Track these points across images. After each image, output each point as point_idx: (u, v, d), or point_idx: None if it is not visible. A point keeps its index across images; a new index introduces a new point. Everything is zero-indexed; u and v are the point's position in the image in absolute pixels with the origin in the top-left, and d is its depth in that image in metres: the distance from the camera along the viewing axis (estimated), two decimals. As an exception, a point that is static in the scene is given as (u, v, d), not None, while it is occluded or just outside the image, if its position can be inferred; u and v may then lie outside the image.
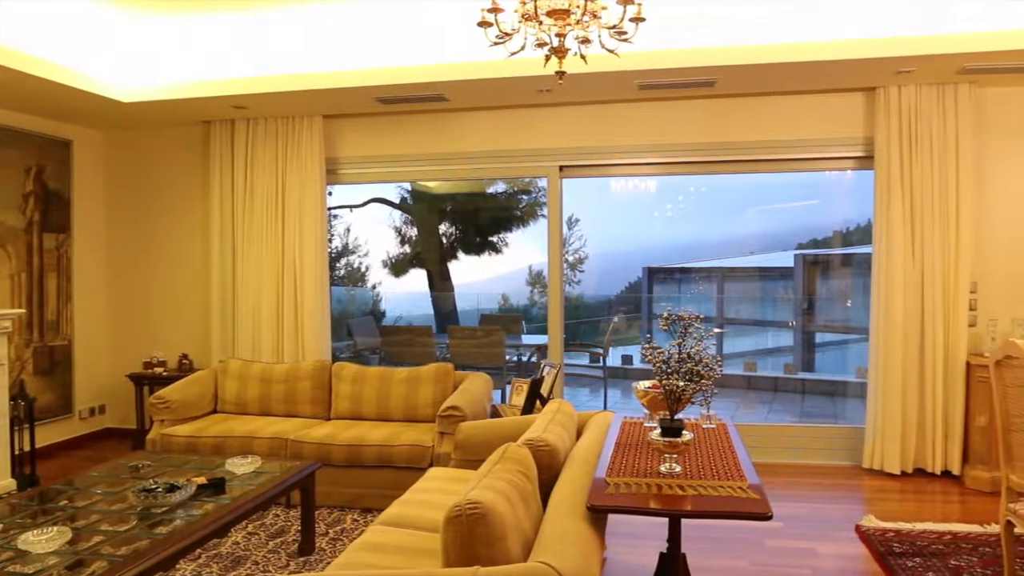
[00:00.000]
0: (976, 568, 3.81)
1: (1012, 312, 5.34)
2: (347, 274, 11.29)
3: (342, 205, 10.20)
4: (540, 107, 5.96)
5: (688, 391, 2.72)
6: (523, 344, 9.02)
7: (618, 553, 4.06)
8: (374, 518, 3.35)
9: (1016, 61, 4.77)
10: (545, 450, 2.97)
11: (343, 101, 5.79)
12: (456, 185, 10.30)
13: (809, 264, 9.28)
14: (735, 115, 5.72)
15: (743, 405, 8.35)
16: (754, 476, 2.78)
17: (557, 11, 2.97)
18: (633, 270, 11.10)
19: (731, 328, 10.38)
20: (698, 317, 2.77)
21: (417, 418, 5.18)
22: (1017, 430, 3.35)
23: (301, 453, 4.76)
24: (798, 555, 4.04)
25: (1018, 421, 3.32)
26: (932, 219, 5.28)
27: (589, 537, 2.40)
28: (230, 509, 3.28)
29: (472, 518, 2.13)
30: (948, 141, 5.26)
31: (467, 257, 11.30)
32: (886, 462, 5.42)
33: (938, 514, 4.68)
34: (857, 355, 7.78)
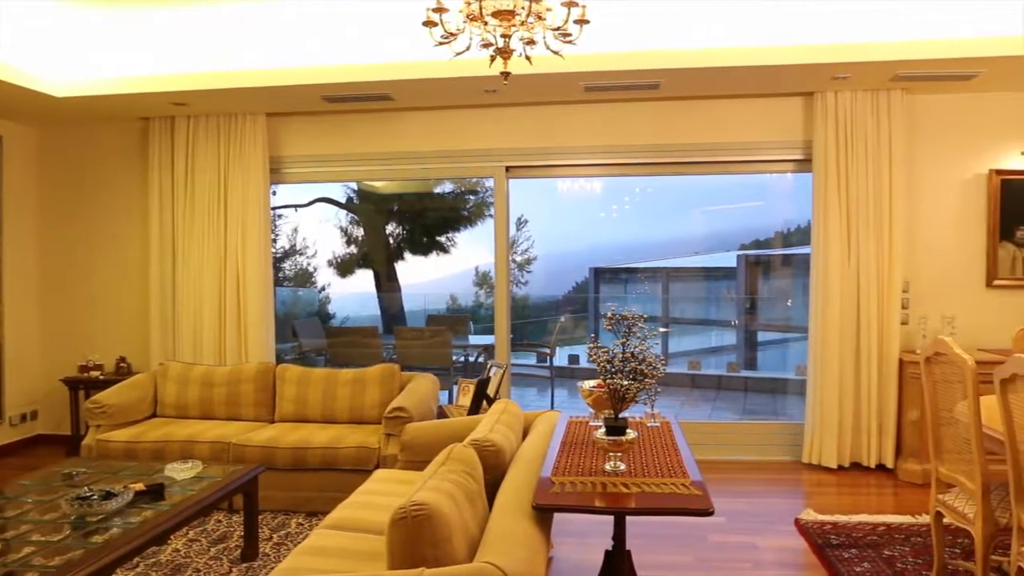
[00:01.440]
0: (908, 557, 3.95)
1: (941, 310, 5.54)
2: (293, 275, 11.12)
3: (287, 205, 10.05)
4: (486, 107, 5.96)
5: (632, 390, 2.76)
6: (470, 344, 9.02)
7: (565, 551, 4.09)
8: (319, 522, 3.31)
9: (943, 69, 4.97)
10: (491, 450, 2.97)
11: (288, 99, 5.71)
12: (403, 185, 10.23)
13: (751, 264, 9.48)
14: (679, 117, 5.81)
15: (688, 403, 8.49)
16: (697, 473, 2.83)
17: (502, 12, 2.98)
18: (580, 270, 11.19)
19: (676, 327, 10.54)
20: (642, 317, 2.81)
21: (363, 420, 5.13)
22: (946, 424, 3.48)
23: (244, 457, 4.67)
24: (740, 549, 4.13)
25: (946, 415, 3.45)
26: (867, 220, 5.45)
27: (535, 536, 2.41)
28: (169, 516, 3.20)
29: (417, 519, 2.12)
30: (882, 145, 5.44)
31: (414, 257, 11.24)
32: (824, 457, 5.58)
33: (873, 506, 4.84)
34: (797, 353, 7.98)
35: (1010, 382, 2.77)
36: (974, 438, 3.12)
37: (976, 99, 5.57)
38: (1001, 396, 2.82)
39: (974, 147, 5.60)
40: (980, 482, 3.11)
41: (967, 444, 3.20)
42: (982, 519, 3.10)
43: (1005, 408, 2.81)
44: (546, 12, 3.06)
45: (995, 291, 5.60)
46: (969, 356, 3.17)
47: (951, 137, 5.61)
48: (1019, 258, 5.56)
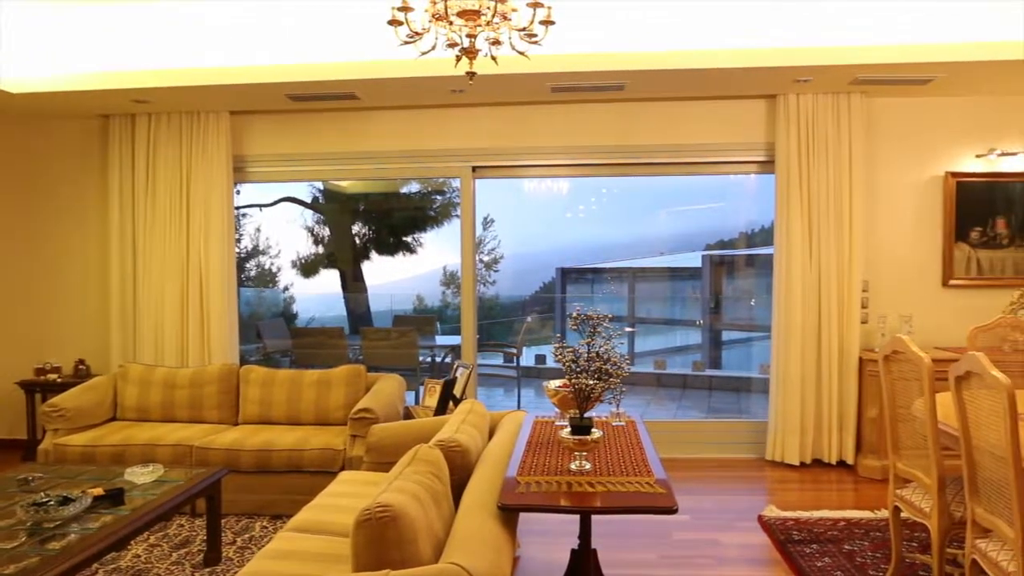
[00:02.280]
0: (867, 551, 4.03)
1: (899, 309, 5.65)
2: (257, 275, 10.99)
3: (251, 204, 9.93)
4: (453, 107, 5.95)
5: (597, 390, 2.77)
6: (437, 345, 8.99)
7: (532, 551, 4.10)
8: (284, 525, 3.27)
9: (901, 73, 5.07)
10: (457, 451, 2.97)
11: (251, 97, 5.64)
12: (369, 185, 10.17)
13: (716, 265, 9.59)
14: (645, 119, 5.86)
15: (654, 402, 8.56)
16: (661, 471, 2.85)
17: (468, 12, 2.98)
18: (547, 270, 11.23)
19: (642, 327, 10.62)
20: (607, 317, 2.83)
21: (328, 421, 5.09)
22: (903, 421, 3.55)
23: (207, 460, 4.61)
24: (704, 546, 4.17)
25: (904, 412, 3.53)
26: (828, 222, 5.54)
27: (500, 536, 2.41)
28: (129, 521, 3.14)
29: (382, 521, 2.11)
30: (842, 148, 5.54)
31: (381, 257, 11.18)
32: (787, 454, 5.66)
33: (834, 502, 4.92)
34: (761, 352, 8.08)
35: (964, 379, 2.84)
36: (930, 434, 3.19)
37: (933, 103, 5.69)
38: (956, 393, 2.88)
39: (931, 150, 5.72)
40: (936, 477, 3.18)
41: (924, 440, 3.27)
42: (938, 513, 3.17)
43: (959, 405, 2.88)
44: (512, 13, 3.06)
45: (951, 291, 5.74)
46: (926, 354, 3.24)
47: (909, 140, 5.73)
48: (974, 259, 5.70)
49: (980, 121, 5.68)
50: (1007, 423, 2.53)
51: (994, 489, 2.72)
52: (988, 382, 2.63)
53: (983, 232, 5.69)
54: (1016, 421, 2.53)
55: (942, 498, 3.17)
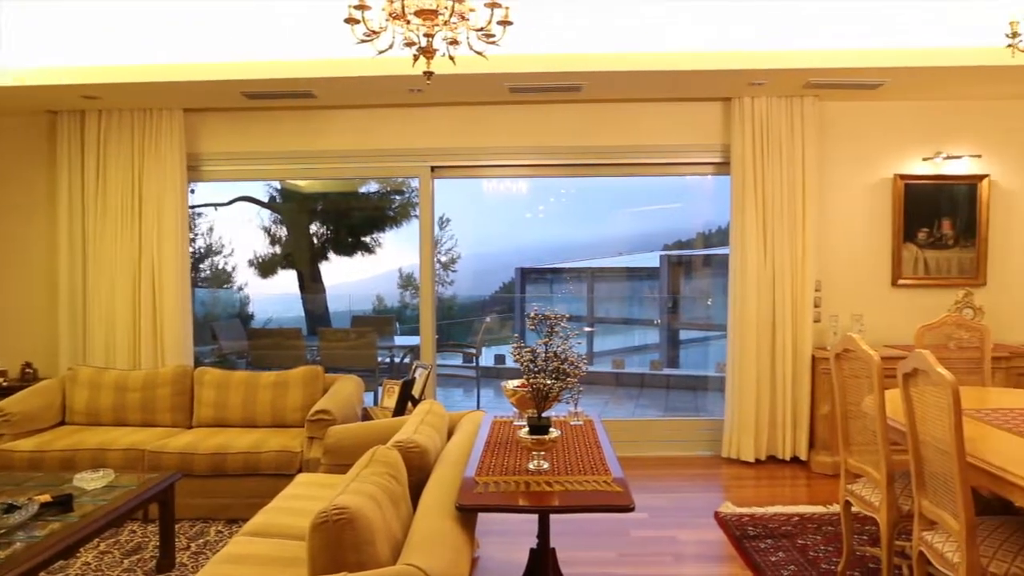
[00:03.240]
0: (820, 545, 4.11)
1: (851, 308, 5.78)
2: (213, 275, 10.81)
3: (207, 203, 9.77)
4: (411, 107, 5.93)
5: (555, 389, 2.78)
6: (396, 345, 8.95)
7: (491, 550, 4.11)
8: (240, 529, 3.23)
9: (852, 78, 5.19)
10: (415, 451, 2.96)
11: (205, 94, 5.54)
12: (327, 184, 10.07)
13: (674, 264, 9.70)
14: (603, 120, 5.90)
15: (612, 401, 8.63)
16: (618, 470, 2.88)
17: (425, 11, 2.96)
18: (507, 270, 11.24)
19: (601, 327, 10.69)
20: (564, 316, 2.84)
21: (285, 423, 5.03)
22: (854, 417, 3.63)
23: (160, 464, 4.52)
24: (661, 543, 4.22)
25: (854, 409, 3.61)
26: (782, 222, 5.64)
27: (458, 537, 2.41)
28: (78, 528, 3.07)
29: (339, 524, 2.09)
30: (795, 150, 5.64)
31: (339, 258, 11.08)
32: (742, 451, 5.75)
33: (788, 498, 5.01)
34: (717, 351, 8.19)
35: (911, 376, 2.92)
36: (879, 430, 3.27)
37: (883, 107, 5.84)
38: (903, 390, 2.96)
39: (880, 153, 5.87)
40: (885, 472, 3.26)
41: (874, 436, 3.35)
42: (887, 507, 3.25)
43: (907, 401, 2.96)
44: (469, 12, 3.06)
45: (900, 290, 5.89)
46: (875, 352, 3.32)
47: (859, 143, 5.86)
48: (921, 259, 5.86)
49: (927, 125, 5.84)
50: (952, 419, 2.60)
51: (939, 483, 2.79)
52: (934, 379, 2.71)
53: (930, 233, 5.85)
54: (960, 417, 2.60)
55: (891, 492, 3.25)
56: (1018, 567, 2.59)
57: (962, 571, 2.62)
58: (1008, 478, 2.56)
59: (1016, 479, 2.53)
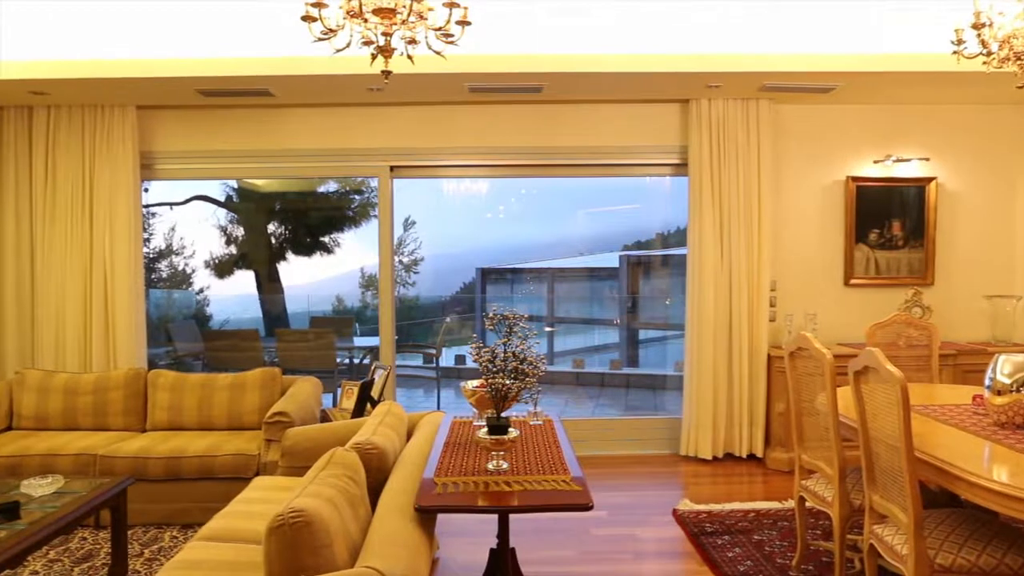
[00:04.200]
0: (775, 541, 4.18)
1: (805, 308, 5.89)
2: (168, 276, 10.61)
3: (161, 203, 9.57)
4: (370, 106, 5.89)
5: (514, 389, 2.79)
6: (355, 346, 8.88)
7: (451, 551, 4.10)
8: (195, 534, 3.17)
9: (805, 82, 5.29)
10: (374, 453, 2.94)
11: (159, 91, 5.43)
12: (285, 183, 9.95)
13: (633, 265, 9.78)
14: (563, 120, 5.93)
15: (572, 401, 8.67)
16: (577, 469, 2.89)
17: (383, 10, 2.95)
18: (468, 271, 11.22)
19: (561, 327, 10.73)
20: (522, 316, 2.85)
21: (242, 426, 4.96)
22: (808, 414, 3.71)
23: (113, 469, 4.42)
24: (621, 541, 4.25)
25: (808, 406, 3.68)
26: (738, 223, 5.73)
27: (417, 538, 2.40)
28: (25, 535, 2.98)
29: (295, 527, 2.07)
30: (751, 152, 5.73)
31: (297, 258, 10.94)
32: (700, 449, 5.82)
33: (744, 494, 5.09)
34: (676, 350, 8.28)
35: (862, 374, 2.98)
36: (832, 427, 3.34)
37: (835, 111, 5.96)
38: (855, 387, 3.03)
39: (833, 155, 5.99)
40: (837, 467, 3.33)
41: (827, 432, 3.42)
42: (839, 501, 3.32)
43: (858, 398, 3.02)
44: (428, 12, 3.05)
45: (852, 290, 6.02)
46: (828, 351, 3.39)
47: (813, 145, 5.98)
48: (872, 259, 6.00)
49: (878, 128, 5.98)
50: (901, 414, 2.67)
51: (889, 477, 2.86)
52: (884, 376, 2.77)
53: (881, 234, 5.99)
54: (909, 413, 2.67)
55: (843, 487, 3.32)
56: (964, 558, 2.67)
57: (910, 563, 2.69)
58: (953, 472, 2.64)
59: (961, 473, 2.60)
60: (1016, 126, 6.03)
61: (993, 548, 2.69)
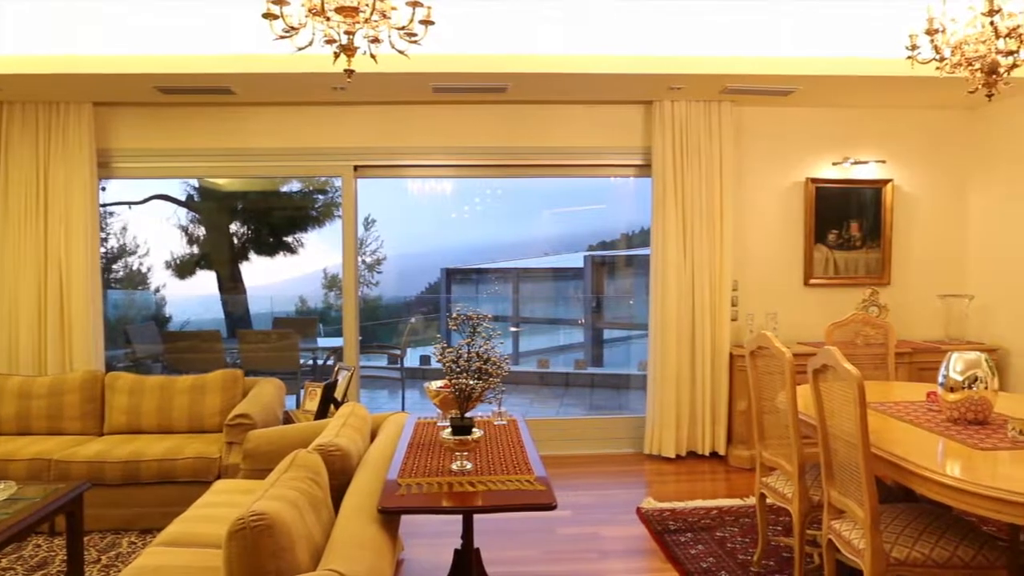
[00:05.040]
0: (737, 537, 4.24)
1: (766, 307, 5.98)
2: (127, 276, 10.40)
3: (119, 202, 9.38)
4: (334, 105, 5.84)
5: (478, 389, 2.79)
6: (319, 347, 8.80)
7: (416, 552, 4.08)
8: (154, 539, 3.12)
9: (765, 84, 5.37)
10: (337, 455, 2.92)
11: (117, 88, 5.33)
12: (247, 183, 9.82)
13: (597, 265, 9.83)
14: (527, 121, 5.94)
15: (537, 400, 8.69)
16: (541, 469, 2.90)
17: (346, 8, 2.93)
18: (433, 271, 11.19)
19: (526, 327, 10.75)
20: (486, 316, 2.85)
21: (203, 429, 4.89)
22: (768, 412, 3.76)
23: (69, 474, 4.33)
24: (585, 540, 4.27)
25: (769, 404, 3.74)
26: (700, 224, 5.79)
27: (380, 540, 2.39)
28: (-24, 542, 2.91)
29: (256, 530, 2.05)
30: (713, 153, 5.80)
31: (260, 258, 10.81)
32: (663, 447, 5.88)
33: (707, 492, 5.15)
34: (640, 350, 8.35)
35: (821, 372, 3.04)
36: (791, 424, 3.40)
37: (795, 113, 6.06)
38: (813, 385, 3.08)
39: (793, 157, 6.09)
40: (797, 464, 3.39)
41: (787, 430, 3.47)
42: (799, 498, 3.37)
43: (816, 396, 3.08)
44: (391, 11, 3.04)
45: (812, 289, 6.12)
46: (787, 349, 3.45)
47: (774, 147, 6.07)
48: (831, 259, 6.11)
49: (836, 131, 6.10)
50: (858, 412, 2.72)
51: (847, 473, 2.92)
52: (841, 374, 2.83)
53: (839, 235, 6.11)
54: (865, 410, 2.73)
55: (802, 484, 3.38)
56: (918, 551, 2.73)
57: (867, 557, 2.74)
58: (908, 467, 2.70)
59: (916, 468, 2.66)
60: (967, 130, 6.19)
61: (946, 541, 2.76)
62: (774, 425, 3.71)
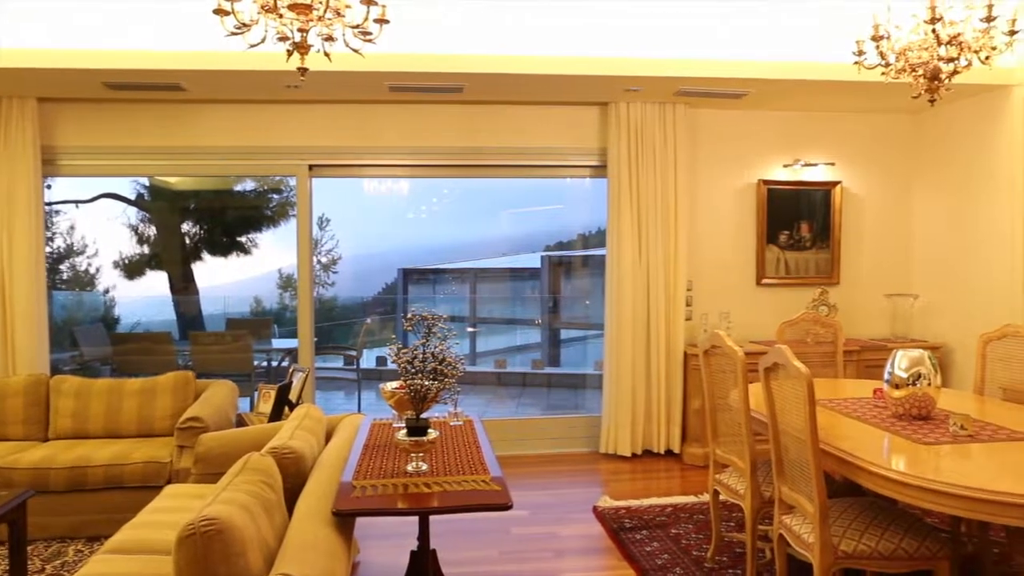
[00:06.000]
0: (691, 533, 4.30)
1: (719, 307, 6.08)
2: (74, 277, 10.13)
3: (66, 200, 9.13)
4: (288, 103, 5.77)
5: (433, 390, 2.78)
6: (273, 349, 8.69)
7: (372, 555, 4.06)
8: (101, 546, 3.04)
9: (718, 87, 5.45)
10: (290, 457, 2.88)
11: (62, 83, 5.18)
12: (200, 181, 9.63)
13: (554, 265, 9.87)
14: (483, 121, 5.94)
15: (494, 401, 8.70)
16: (497, 469, 2.90)
17: (299, 5, 2.89)
18: (389, 271, 11.12)
19: (483, 327, 10.75)
20: (441, 317, 2.84)
21: (153, 432, 4.80)
22: (721, 410, 3.82)
23: (11, 481, 4.19)
24: (542, 540, 4.29)
25: (722, 402, 3.80)
26: (655, 224, 5.86)
27: (335, 543, 2.37)
28: (-88, 552, 2.81)
29: (207, 535, 2.01)
30: (668, 155, 5.87)
31: (213, 258, 10.61)
32: (619, 446, 5.93)
33: (662, 489, 5.21)
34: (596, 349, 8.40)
35: (772, 370, 3.10)
36: (743, 422, 3.45)
37: (748, 116, 6.16)
38: (764, 383, 3.14)
39: (746, 159, 6.19)
40: (749, 461, 3.44)
41: (739, 428, 3.53)
42: (751, 494, 3.43)
43: (768, 394, 3.13)
44: (345, 9, 3.01)
45: (764, 289, 6.23)
46: (740, 348, 3.51)
47: (727, 149, 6.17)
48: (782, 260, 6.23)
49: (787, 133, 6.22)
50: (807, 409, 2.78)
51: (797, 469, 2.98)
52: (791, 372, 2.89)
53: (790, 235, 6.23)
54: (814, 407, 2.79)
55: (754, 480, 3.44)
56: (865, 544, 2.80)
57: (816, 550, 2.80)
58: (856, 462, 2.77)
59: (863, 463, 2.73)
60: (912, 134, 6.37)
61: (891, 533, 2.84)
62: (727, 423, 3.77)
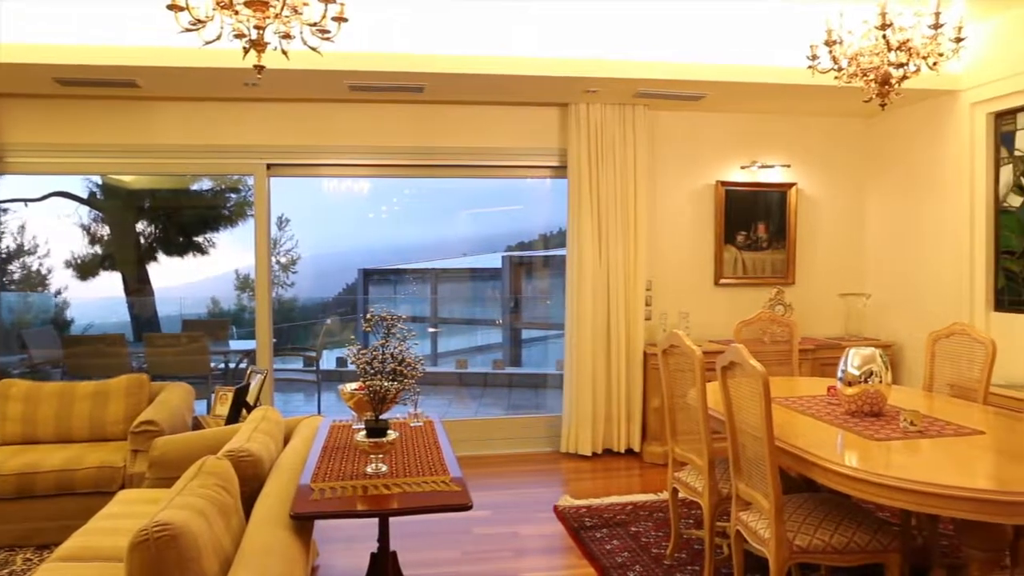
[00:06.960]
0: (651, 531, 4.34)
1: (679, 306, 6.15)
2: (22, 278, 9.85)
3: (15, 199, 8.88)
4: (246, 101, 5.69)
5: (392, 391, 2.77)
6: (231, 350, 8.55)
7: (331, 558, 4.02)
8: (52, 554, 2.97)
9: (676, 89, 5.51)
10: (248, 460, 2.84)
11: (10, 79, 5.04)
12: (155, 180, 9.44)
13: (516, 265, 9.88)
14: (445, 121, 5.93)
15: (456, 401, 8.68)
16: (457, 469, 2.90)
17: (255, 2, 2.85)
18: (350, 271, 11.03)
19: (444, 327, 10.72)
20: (400, 317, 2.83)
21: (106, 437, 4.68)
22: (680, 409, 3.86)
23: (-45, 488, 4.08)
24: (503, 539, 4.30)
25: (680, 401, 3.84)
26: (615, 225, 5.90)
27: (292, 547, 2.34)
28: None
29: (161, 541, 1.97)
30: (628, 156, 5.92)
31: (169, 259, 10.40)
32: (580, 445, 5.96)
33: (623, 488, 5.25)
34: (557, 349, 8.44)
35: (729, 369, 3.14)
36: (701, 420, 3.50)
37: (705, 118, 6.25)
38: (722, 382, 3.18)
39: (704, 160, 6.28)
40: (707, 459, 3.49)
41: (697, 426, 3.57)
42: (709, 491, 3.48)
43: (725, 392, 3.18)
44: (303, 6, 2.98)
45: (722, 289, 6.32)
46: (698, 348, 3.55)
47: (686, 150, 6.25)
48: (740, 260, 6.32)
49: (744, 135, 6.32)
50: (763, 407, 2.83)
51: (753, 466, 3.03)
52: (747, 371, 2.93)
53: (747, 236, 6.33)
54: (770, 405, 2.83)
55: (712, 477, 3.48)
56: (819, 538, 2.86)
57: (772, 545, 2.85)
58: (810, 459, 2.82)
59: (816, 459, 2.79)
60: (864, 137, 6.51)
61: (844, 528, 2.90)
62: (686, 421, 3.81)
